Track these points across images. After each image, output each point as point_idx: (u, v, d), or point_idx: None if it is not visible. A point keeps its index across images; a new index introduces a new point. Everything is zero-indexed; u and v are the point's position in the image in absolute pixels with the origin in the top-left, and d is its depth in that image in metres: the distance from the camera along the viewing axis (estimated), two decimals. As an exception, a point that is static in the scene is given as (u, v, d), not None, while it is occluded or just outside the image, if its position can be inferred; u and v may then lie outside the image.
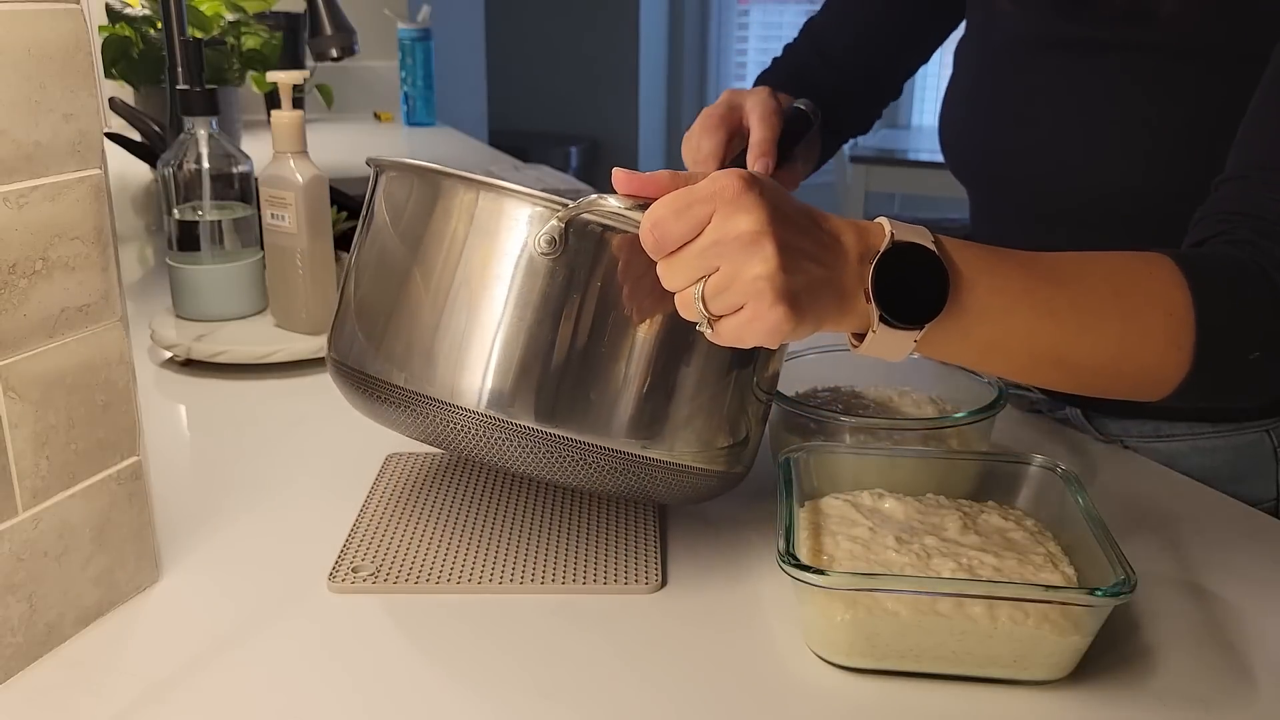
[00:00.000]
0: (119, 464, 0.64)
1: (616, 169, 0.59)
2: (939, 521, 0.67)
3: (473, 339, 0.62)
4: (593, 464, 0.63)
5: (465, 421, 0.62)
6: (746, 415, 0.68)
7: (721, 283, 0.56)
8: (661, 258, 0.57)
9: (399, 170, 0.67)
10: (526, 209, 0.61)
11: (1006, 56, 0.92)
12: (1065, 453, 0.89)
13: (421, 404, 0.63)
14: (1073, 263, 0.64)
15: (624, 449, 0.63)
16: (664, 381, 0.63)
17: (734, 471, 0.68)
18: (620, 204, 0.59)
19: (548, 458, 0.62)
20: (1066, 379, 0.65)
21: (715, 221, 0.55)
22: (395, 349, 0.64)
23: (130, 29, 1.87)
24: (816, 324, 0.58)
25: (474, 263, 0.62)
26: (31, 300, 0.57)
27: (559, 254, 0.60)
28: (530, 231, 0.61)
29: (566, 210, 0.60)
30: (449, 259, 0.63)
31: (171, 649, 0.62)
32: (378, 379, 0.65)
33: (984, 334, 0.62)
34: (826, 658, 0.61)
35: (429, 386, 0.62)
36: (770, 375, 0.70)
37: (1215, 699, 0.59)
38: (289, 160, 1.01)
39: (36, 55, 0.56)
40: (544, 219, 0.60)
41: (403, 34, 2.69)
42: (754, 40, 4.88)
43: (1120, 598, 0.56)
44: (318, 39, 1.88)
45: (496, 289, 0.61)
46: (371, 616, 0.65)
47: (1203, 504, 0.81)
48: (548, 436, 0.62)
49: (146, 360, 1.06)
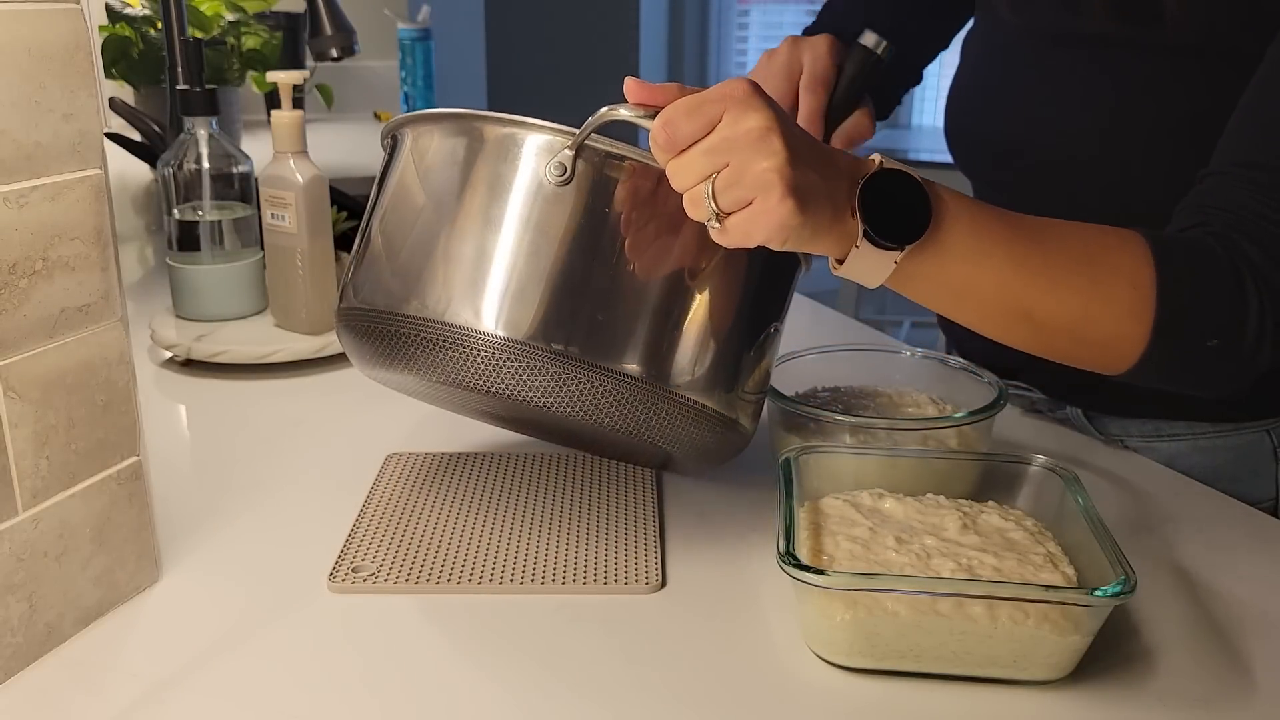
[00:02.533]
0: (119, 464, 0.64)
1: (629, 77, 0.61)
2: (939, 521, 0.67)
3: (486, 265, 0.63)
4: (599, 390, 0.63)
5: (477, 345, 0.63)
6: (752, 366, 0.70)
7: (731, 177, 0.58)
8: (672, 156, 0.59)
9: (409, 122, 0.69)
10: (536, 137, 0.63)
11: (1014, 50, 0.92)
12: (1065, 453, 0.89)
13: (434, 332, 0.63)
14: (1051, 226, 0.67)
15: (631, 373, 0.64)
16: (675, 308, 0.65)
17: (737, 425, 0.69)
18: (631, 113, 0.61)
19: (556, 383, 0.63)
20: (1032, 336, 0.67)
21: (726, 119, 0.58)
22: (408, 283, 0.65)
23: (130, 29, 1.87)
24: (814, 230, 0.61)
25: (487, 194, 0.64)
26: (31, 300, 0.57)
27: (570, 180, 0.62)
28: (541, 161, 0.63)
29: (578, 135, 0.62)
30: (464, 194, 0.65)
31: (171, 649, 0.62)
32: (389, 312, 0.65)
33: (959, 273, 0.64)
34: (826, 658, 0.61)
35: (443, 313, 0.63)
36: (776, 308, 0.72)
37: (1215, 699, 0.59)
38: (289, 160, 1.01)
39: (36, 55, 0.56)
40: (554, 147, 0.62)
41: (403, 34, 2.69)
42: (754, 40, 4.88)
43: (1120, 598, 0.56)
44: (318, 39, 1.88)
45: (510, 218, 0.63)
46: (371, 616, 0.65)
47: (1203, 504, 0.81)
48: (557, 355, 0.62)
49: (146, 360, 1.06)
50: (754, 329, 0.70)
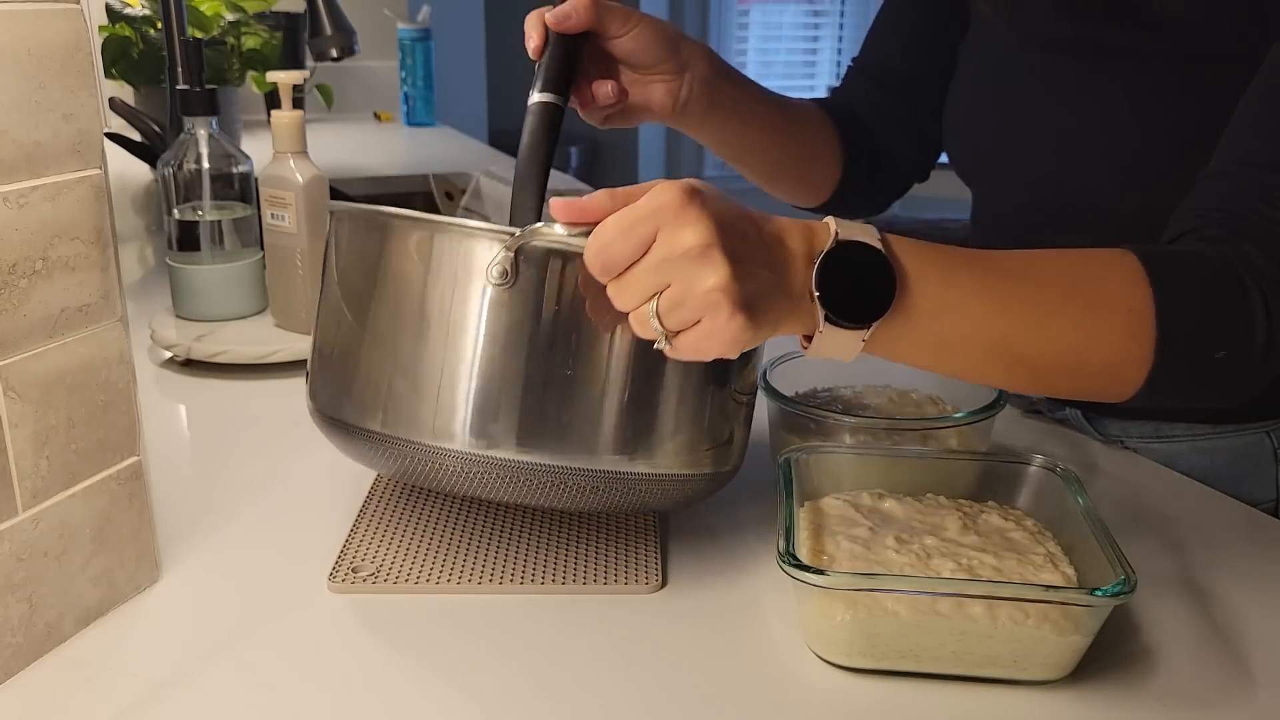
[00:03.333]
0: (119, 464, 0.64)
1: (554, 199, 0.58)
2: (939, 521, 0.67)
3: (443, 377, 0.61)
4: (579, 486, 0.63)
5: (448, 460, 0.62)
6: (728, 417, 0.67)
7: (675, 298, 0.55)
8: (610, 279, 0.57)
9: (352, 216, 0.66)
10: (474, 243, 0.60)
11: (1013, 58, 0.91)
12: (1065, 453, 0.89)
13: (402, 447, 0.63)
14: (1028, 260, 0.64)
15: (608, 468, 0.62)
16: (639, 396, 0.62)
17: (722, 471, 0.68)
18: (564, 231, 0.58)
19: (534, 486, 0.62)
20: (1026, 378, 0.65)
21: (661, 238, 0.54)
22: (370, 394, 0.64)
23: (130, 29, 1.87)
24: (773, 328, 0.58)
25: (433, 300, 0.61)
26: (31, 300, 0.57)
27: (513, 284, 0.60)
28: (482, 264, 0.60)
29: (513, 240, 0.59)
30: (410, 300, 0.62)
31: (171, 649, 0.62)
32: (356, 426, 0.64)
33: (935, 331, 0.61)
34: (826, 658, 0.61)
35: (407, 430, 0.62)
36: (749, 379, 0.69)
37: (1215, 699, 0.59)
38: (289, 160, 1.01)
39: (36, 55, 0.56)
40: (493, 251, 0.60)
41: (403, 34, 2.69)
42: (754, 40, 4.88)
43: (1120, 598, 0.56)
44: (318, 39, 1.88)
45: (458, 325, 0.61)
46: (371, 616, 0.65)
47: (1203, 504, 0.81)
48: (531, 466, 0.61)
49: (146, 360, 1.06)
50: (728, 377, 0.67)
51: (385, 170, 2.09)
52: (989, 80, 0.94)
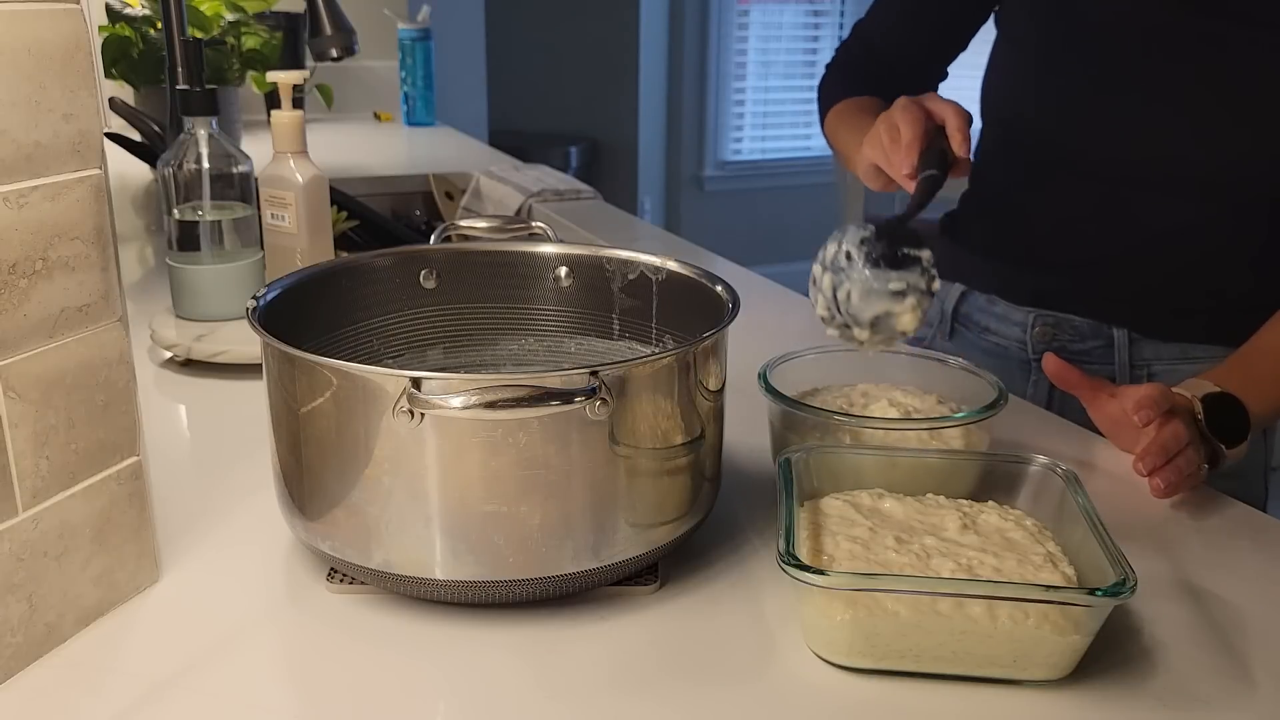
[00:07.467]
0: (119, 464, 0.64)
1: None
2: (938, 521, 0.67)
3: (393, 511, 0.61)
4: (556, 586, 0.64)
5: (425, 585, 0.63)
6: (698, 473, 0.68)
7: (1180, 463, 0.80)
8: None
9: (273, 353, 0.65)
10: (374, 382, 0.60)
11: (1103, 35, 1.00)
12: (1065, 452, 0.89)
13: (390, 581, 0.64)
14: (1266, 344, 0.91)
15: (572, 571, 0.63)
16: (603, 502, 0.63)
17: (699, 522, 0.70)
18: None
19: (513, 591, 0.64)
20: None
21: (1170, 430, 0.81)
22: (337, 529, 0.64)
23: (130, 29, 1.87)
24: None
25: (359, 437, 0.61)
26: (31, 300, 0.57)
27: (421, 419, 0.59)
28: (387, 402, 0.59)
29: (409, 380, 0.58)
30: (338, 434, 0.62)
31: (171, 649, 0.62)
32: (330, 555, 0.65)
33: (1266, 417, 0.89)
34: (826, 658, 0.61)
35: (373, 561, 0.63)
36: (711, 446, 0.70)
37: (1215, 699, 0.59)
38: (289, 160, 1.01)
39: (36, 55, 0.56)
40: (397, 387, 0.58)
41: (403, 34, 2.69)
42: (754, 40, 4.87)
43: (1120, 598, 0.56)
44: (318, 39, 1.88)
45: (390, 459, 0.61)
46: (371, 616, 0.65)
47: (1202, 504, 0.81)
48: (522, 582, 0.63)
49: (146, 360, 1.06)
50: (692, 464, 0.67)
51: (385, 170, 2.09)
52: (1073, 61, 1.02)
